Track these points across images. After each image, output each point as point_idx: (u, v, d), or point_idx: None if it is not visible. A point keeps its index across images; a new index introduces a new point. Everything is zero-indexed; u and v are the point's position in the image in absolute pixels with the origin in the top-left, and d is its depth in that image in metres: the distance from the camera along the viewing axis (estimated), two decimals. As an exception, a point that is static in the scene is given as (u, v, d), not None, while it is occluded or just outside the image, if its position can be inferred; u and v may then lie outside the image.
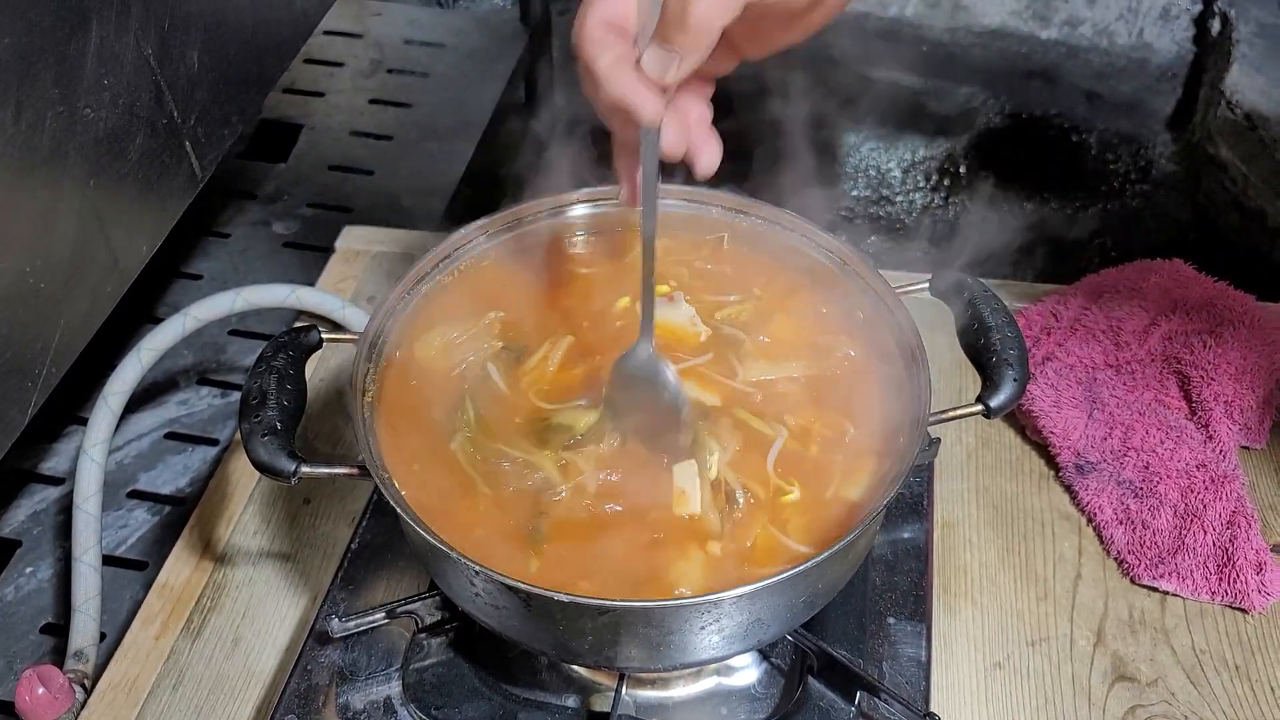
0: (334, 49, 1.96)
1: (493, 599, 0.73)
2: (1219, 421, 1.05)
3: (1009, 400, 0.79)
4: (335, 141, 1.78)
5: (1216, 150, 2.12)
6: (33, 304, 0.81)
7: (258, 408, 0.77)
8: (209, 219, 1.61)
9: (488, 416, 0.84)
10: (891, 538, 0.94)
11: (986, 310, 0.83)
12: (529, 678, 0.86)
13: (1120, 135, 2.34)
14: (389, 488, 0.75)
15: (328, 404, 1.14)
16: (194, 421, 1.32)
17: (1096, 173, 2.25)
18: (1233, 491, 0.99)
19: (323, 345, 0.86)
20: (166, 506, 1.22)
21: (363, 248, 1.32)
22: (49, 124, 0.79)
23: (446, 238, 0.93)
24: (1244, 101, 2.08)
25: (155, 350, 1.07)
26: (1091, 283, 1.18)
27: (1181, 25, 2.54)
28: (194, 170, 1.01)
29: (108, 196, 0.88)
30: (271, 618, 0.98)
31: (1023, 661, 0.93)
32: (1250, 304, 1.13)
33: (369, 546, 0.94)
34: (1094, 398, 1.08)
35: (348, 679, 0.85)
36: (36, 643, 1.09)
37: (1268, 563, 0.96)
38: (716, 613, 0.71)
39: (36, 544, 1.18)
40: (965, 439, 1.10)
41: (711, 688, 0.86)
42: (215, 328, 1.32)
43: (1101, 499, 1.02)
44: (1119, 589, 0.98)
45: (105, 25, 0.84)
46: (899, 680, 0.85)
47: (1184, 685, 0.91)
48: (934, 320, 0.91)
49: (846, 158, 2.29)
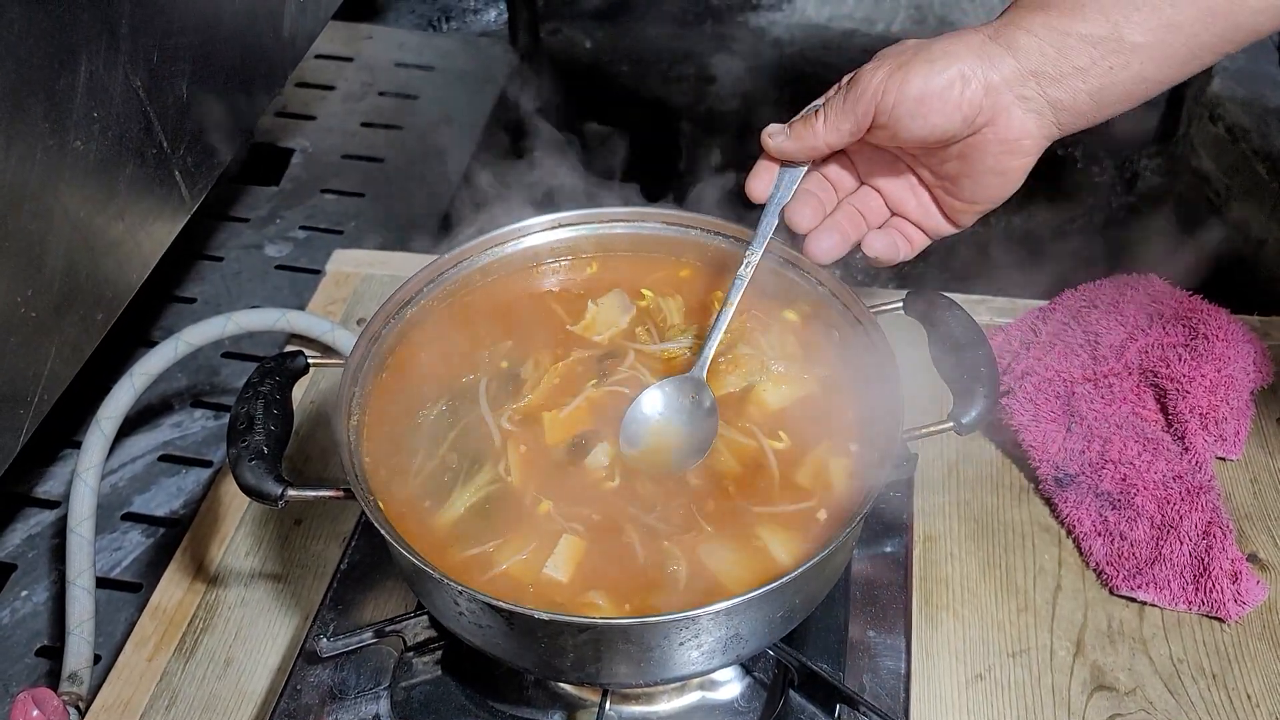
0: (325, 72, 1.99)
1: (476, 618, 0.75)
2: (1195, 433, 1.07)
3: (979, 417, 0.80)
4: (327, 164, 1.80)
5: (1199, 163, 2.15)
6: (24, 332, 0.83)
7: (245, 433, 0.79)
8: (202, 242, 1.63)
9: (474, 443, 0.86)
10: (872, 552, 0.96)
11: (958, 328, 0.85)
12: (515, 695, 0.87)
13: (1104, 148, 2.36)
14: (374, 510, 0.76)
15: (317, 426, 1.16)
16: (188, 444, 1.34)
17: (1081, 185, 2.27)
18: (1209, 502, 1.01)
19: (309, 370, 0.87)
20: (160, 528, 1.24)
21: (353, 270, 1.33)
22: (39, 157, 0.81)
23: (431, 261, 0.94)
24: (1226, 114, 2.10)
25: (148, 375, 1.08)
26: (1070, 298, 1.20)
27: (1164, 39, 2.57)
28: (184, 198, 1.03)
29: (98, 226, 0.90)
30: (263, 638, 0.99)
31: (1003, 673, 0.95)
32: (1225, 317, 1.14)
33: (358, 567, 0.95)
34: (1072, 411, 1.09)
35: (337, 698, 0.86)
36: (31, 666, 1.10)
37: (1243, 572, 0.97)
38: (695, 628, 0.72)
39: (31, 567, 1.20)
40: (946, 453, 1.11)
41: (695, 702, 0.87)
42: (208, 350, 1.34)
43: (1080, 511, 1.03)
44: (1098, 600, 0.99)
45: (94, 60, 0.86)
46: (879, 693, 0.86)
47: (1162, 694, 0.93)
48: (913, 337, 0.93)
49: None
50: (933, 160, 0.82)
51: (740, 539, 0.80)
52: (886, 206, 0.87)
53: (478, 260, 0.96)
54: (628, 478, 0.84)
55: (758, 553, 0.79)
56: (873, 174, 0.86)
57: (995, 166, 0.79)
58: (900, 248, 0.85)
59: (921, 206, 0.85)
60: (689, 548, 0.79)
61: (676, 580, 0.78)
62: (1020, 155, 0.79)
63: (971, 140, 0.78)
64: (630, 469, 0.84)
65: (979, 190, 0.81)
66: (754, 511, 0.81)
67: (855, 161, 0.86)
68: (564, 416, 0.87)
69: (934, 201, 0.85)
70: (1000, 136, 0.77)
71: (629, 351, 0.92)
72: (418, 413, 0.88)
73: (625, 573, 0.78)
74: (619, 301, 0.96)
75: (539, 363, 0.91)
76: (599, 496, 0.83)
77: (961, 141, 0.78)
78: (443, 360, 0.92)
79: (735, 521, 0.81)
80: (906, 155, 0.84)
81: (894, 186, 0.86)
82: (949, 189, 0.83)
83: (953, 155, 0.80)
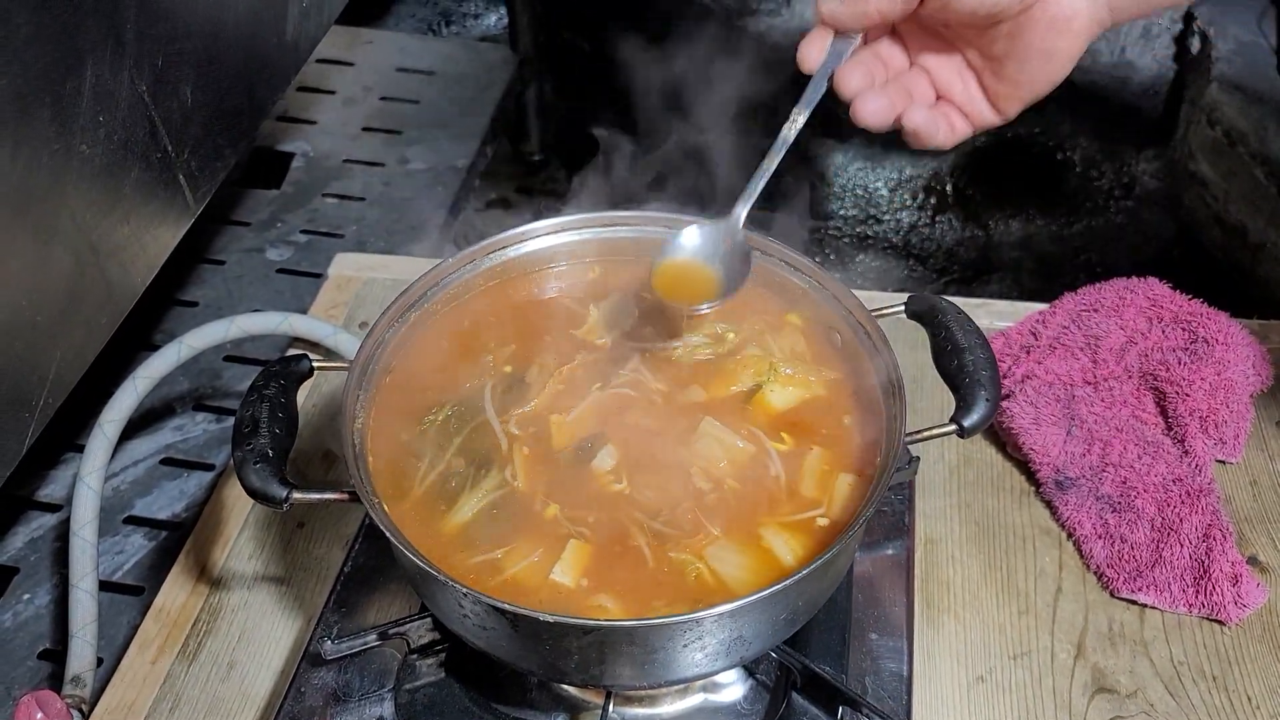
0: (327, 77, 1.99)
1: (480, 620, 0.75)
2: (1195, 436, 1.07)
3: (982, 420, 0.81)
4: (328, 168, 1.80)
5: (1198, 167, 2.15)
6: (29, 336, 0.83)
7: (250, 435, 0.79)
8: (204, 246, 1.63)
9: (481, 448, 0.86)
10: (874, 555, 0.96)
11: (959, 332, 0.85)
12: (519, 697, 0.88)
13: (1103, 153, 2.37)
14: (378, 513, 0.76)
15: (321, 429, 1.16)
16: (190, 447, 1.34)
17: (1080, 190, 2.28)
18: (1208, 505, 1.01)
19: (314, 373, 0.88)
20: (163, 532, 1.24)
21: (354, 274, 1.34)
22: (45, 161, 0.81)
23: (435, 265, 0.95)
24: (1224, 118, 2.11)
25: (151, 378, 1.08)
26: (1070, 302, 1.20)
27: (1162, 44, 2.58)
28: (188, 202, 1.03)
29: (103, 230, 0.90)
30: (266, 641, 0.99)
31: (1005, 675, 0.95)
32: (1225, 321, 1.15)
33: (362, 569, 0.95)
34: (1073, 415, 1.10)
35: (341, 700, 0.86)
36: (34, 669, 1.11)
37: (1243, 575, 0.97)
38: (699, 630, 0.73)
39: (34, 570, 1.20)
40: (947, 456, 1.12)
41: (698, 704, 0.87)
42: (211, 354, 1.34)
43: (1081, 514, 1.04)
44: (1099, 602, 1.00)
45: (100, 65, 0.86)
46: (881, 695, 0.87)
47: (1163, 696, 0.93)
48: (915, 339, 0.93)
49: (834, 177, 2.32)
50: (982, 40, 0.83)
51: (746, 542, 0.80)
52: (934, 89, 0.88)
53: (481, 264, 0.97)
54: (635, 482, 0.84)
55: (764, 555, 0.80)
56: (922, 53, 0.88)
57: (1043, 47, 0.81)
58: (940, 128, 0.86)
59: (967, 91, 0.87)
60: (696, 551, 0.79)
61: (683, 582, 0.78)
62: (1069, 36, 0.80)
63: (1021, 18, 0.80)
64: (633, 468, 0.84)
65: (1025, 72, 0.83)
66: (759, 515, 0.82)
67: (906, 40, 0.88)
68: (570, 420, 0.88)
69: (980, 87, 0.86)
70: (1050, 14, 0.79)
71: (633, 354, 0.92)
72: (423, 417, 0.88)
73: (632, 576, 0.78)
74: (621, 304, 0.96)
75: (544, 367, 0.92)
76: (606, 500, 0.83)
77: (1011, 20, 0.80)
78: (447, 365, 0.92)
79: (741, 525, 0.81)
80: (956, 34, 0.85)
81: (942, 68, 0.87)
82: (996, 71, 0.84)
83: (1002, 34, 0.81)
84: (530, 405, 0.89)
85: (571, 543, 0.80)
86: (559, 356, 0.93)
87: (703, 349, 0.92)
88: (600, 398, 0.89)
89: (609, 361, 0.92)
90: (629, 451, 0.86)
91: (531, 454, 0.86)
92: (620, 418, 0.88)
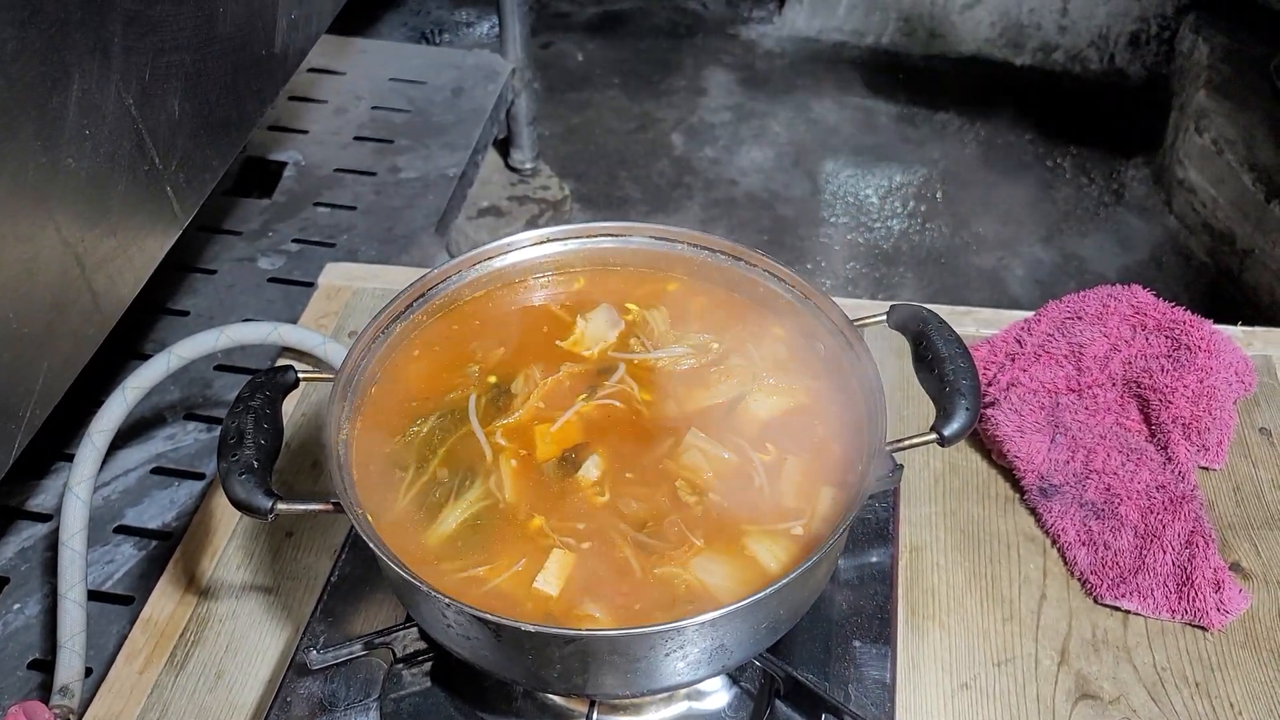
0: (318, 86, 2.00)
1: (464, 630, 0.76)
2: (1178, 444, 1.08)
3: (962, 429, 0.81)
4: (319, 177, 1.81)
5: (1186, 173, 2.16)
6: (15, 348, 0.83)
7: (235, 447, 0.79)
8: (195, 256, 1.63)
9: (465, 458, 0.87)
10: (858, 562, 0.97)
11: (940, 341, 0.85)
12: (504, 706, 0.88)
13: (1093, 159, 2.39)
14: (362, 524, 0.77)
15: (310, 439, 1.16)
16: (180, 456, 1.34)
17: (1070, 196, 2.29)
18: (1191, 512, 1.02)
19: (300, 384, 0.88)
20: (152, 541, 1.24)
21: (345, 284, 1.34)
22: (31, 174, 0.82)
23: (420, 276, 0.95)
24: (1211, 125, 2.12)
25: (140, 388, 1.09)
26: (1054, 309, 1.21)
27: (1151, 51, 2.59)
28: (176, 213, 1.03)
29: (89, 243, 0.90)
30: (254, 651, 1.00)
31: (989, 682, 0.96)
32: (1208, 328, 1.15)
33: (348, 579, 0.96)
34: (1057, 422, 1.10)
35: (327, 710, 0.87)
36: (23, 679, 1.11)
37: (1226, 581, 0.98)
38: (681, 639, 0.73)
39: (24, 580, 1.20)
40: (932, 464, 1.12)
41: (683, 711, 0.88)
42: (201, 363, 1.35)
43: (1065, 521, 1.04)
44: (1082, 609, 1.00)
45: (87, 78, 0.86)
46: (864, 702, 0.87)
47: (1146, 702, 0.93)
48: (900, 348, 0.94)
49: (825, 185, 2.33)
50: None
51: (730, 551, 0.81)
52: None
53: (466, 275, 0.97)
54: (620, 493, 0.84)
55: (748, 564, 0.80)
56: None
57: None
58: None
59: None
60: (681, 563, 0.80)
61: (668, 592, 0.78)
62: None
63: None
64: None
65: None
66: (742, 524, 0.82)
67: None
68: (555, 431, 0.88)
69: None
70: None
71: (618, 365, 0.93)
72: (408, 428, 0.88)
73: (618, 585, 0.78)
74: (607, 316, 0.97)
75: (529, 378, 0.92)
76: (590, 511, 0.83)
77: None
78: (433, 375, 0.92)
79: (724, 534, 0.82)
80: None
81: None
82: None
83: None
84: (515, 416, 0.89)
85: (555, 552, 0.80)
86: (545, 367, 0.93)
87: (687, 359, 0.93)
88: (586, 409, 0.90)
89: (595, 372, 0.93)
90: (614, 462, 0.86)
91: (517, 465, 0.86)
92: (606, 429, 0.88)
